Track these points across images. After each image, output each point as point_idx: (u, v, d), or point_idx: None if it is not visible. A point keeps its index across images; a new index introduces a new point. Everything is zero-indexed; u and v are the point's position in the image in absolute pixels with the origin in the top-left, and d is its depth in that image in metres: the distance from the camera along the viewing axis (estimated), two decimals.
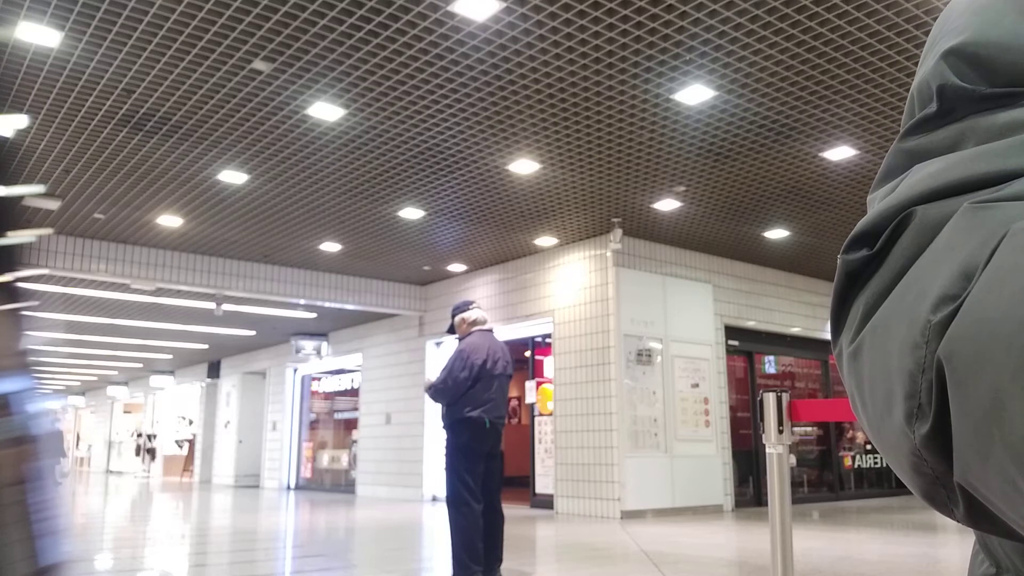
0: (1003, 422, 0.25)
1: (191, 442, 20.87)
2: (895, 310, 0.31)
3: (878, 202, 0.36)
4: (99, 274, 9.10)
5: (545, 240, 9.44)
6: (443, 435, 4.64)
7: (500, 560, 4.54)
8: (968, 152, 0.33)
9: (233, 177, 7.16)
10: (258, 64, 5.10)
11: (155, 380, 21.94)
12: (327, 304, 11.12)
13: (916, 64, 5.16)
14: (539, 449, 9.99)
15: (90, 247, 9.05)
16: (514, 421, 14.12)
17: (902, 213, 0.33)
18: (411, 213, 8.23)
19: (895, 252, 0.32)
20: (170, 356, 18.85)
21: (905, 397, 0.29)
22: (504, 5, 4.47)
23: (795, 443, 10.98)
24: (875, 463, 11.97)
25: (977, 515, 0.29)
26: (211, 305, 10.86)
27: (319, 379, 15.93)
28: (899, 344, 0.30)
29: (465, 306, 4.81)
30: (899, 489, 12.05)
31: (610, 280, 9.06)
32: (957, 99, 0.35)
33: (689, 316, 9.76)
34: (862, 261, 0.34)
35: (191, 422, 21.30)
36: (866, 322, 0.33)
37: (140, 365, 20.94)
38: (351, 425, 14.37)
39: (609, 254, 9.06)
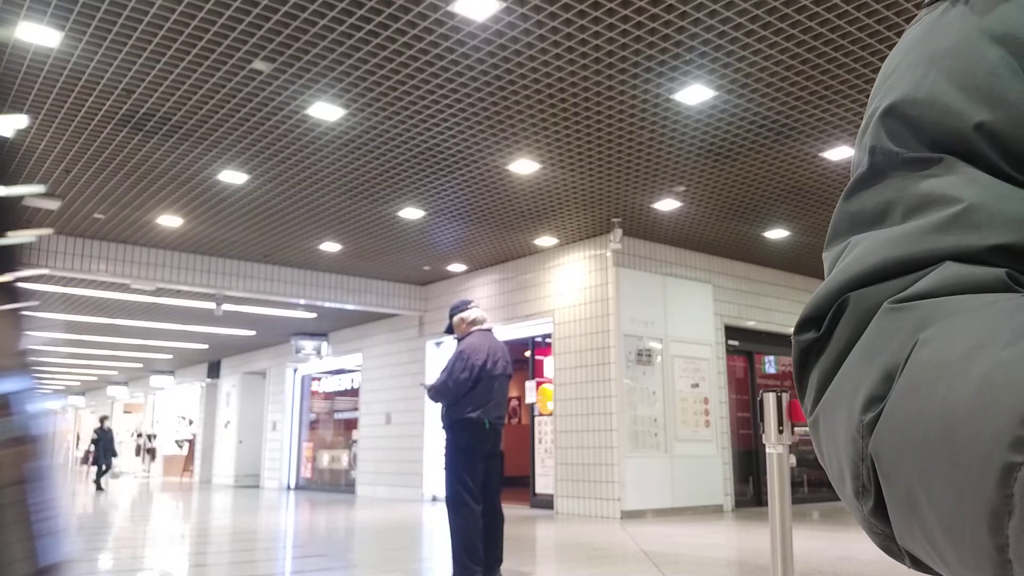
0: (918, 512, 0.30)
1: (191, 442, 20.87)
2: (838, 398, 0.36)
3: (827, 265, 0.41)
4: (99, 274, 9.10)
5: (545, 240, 9.44)
6: (443, 435, 4.63)
7: (500, 560, 4.53)
8: (891, 234, 0.37)
9: (233, 177, 7.16)
10: (258, 64, 5.11)
11: (155, 380, 21.94)
12: (327, 304, 11.12)
13: None
14: (539, 449, 9.99)
15: (90, 247, 9.05)
16: (514, 421, 14.12)
17: (838, 300, 0.38)
18: (411, 213, 8.23)
19: (836, 336, 0.37)
20: (170, 356, 18.85)
21: (851, 477, 0.35)
22: (504, 5, 4.47)
23: (795, 443, 10.97)
24: None
25: (922, 566, 0.34)
26: (211, 305, 10.86)
27: (319, 379, 15.94)
28: (842, 433, 0.35)
29: (463, 306, 4.79)
30: None
31: (610, 280, 9.06)
32: (885, 161, 0.40)
33: (689, 316, 9.76)
34: (811, 342, 0.39)
35: (191, 422, 21.31)
36: (819, 397, 0.38)
37: (140, 365, 20.94)
38: (351, 425, 14.37)
39: (609, 254, 9.06)
